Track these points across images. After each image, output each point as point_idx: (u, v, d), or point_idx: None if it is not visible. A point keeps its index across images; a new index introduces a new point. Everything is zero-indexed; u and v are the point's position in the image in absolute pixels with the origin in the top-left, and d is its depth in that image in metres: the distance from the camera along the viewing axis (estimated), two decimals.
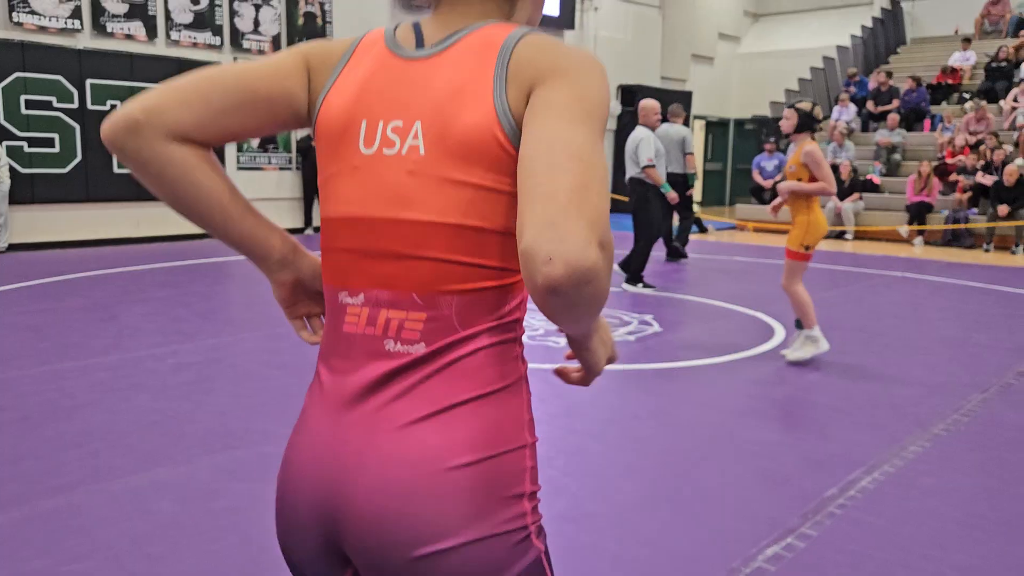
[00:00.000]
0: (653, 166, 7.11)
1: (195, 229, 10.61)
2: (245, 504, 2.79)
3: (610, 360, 1.13)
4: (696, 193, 11.93)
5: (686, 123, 17.71)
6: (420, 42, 1.03)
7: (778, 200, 4.95)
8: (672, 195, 7.25)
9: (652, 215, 7.17)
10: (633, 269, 7.32)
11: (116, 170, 9.98)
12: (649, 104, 7.35)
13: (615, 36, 16.75)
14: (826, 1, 19.52)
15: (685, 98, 18.14)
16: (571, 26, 15.45)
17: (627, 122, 16.65)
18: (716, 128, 20.13)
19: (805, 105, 4.74)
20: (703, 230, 12.87)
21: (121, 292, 6.81)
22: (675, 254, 9.29)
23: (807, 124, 4.73)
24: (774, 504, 2.88)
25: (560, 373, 1.17)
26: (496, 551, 0.91)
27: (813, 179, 4.65)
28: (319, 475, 0.96)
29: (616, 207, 11.99)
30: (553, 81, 0.88)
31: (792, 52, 18.90)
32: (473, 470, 0.91)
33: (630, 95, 16.44)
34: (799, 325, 4.86)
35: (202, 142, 0.99)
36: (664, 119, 8.15)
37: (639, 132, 7.22)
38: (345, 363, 0.98)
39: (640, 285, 7.30)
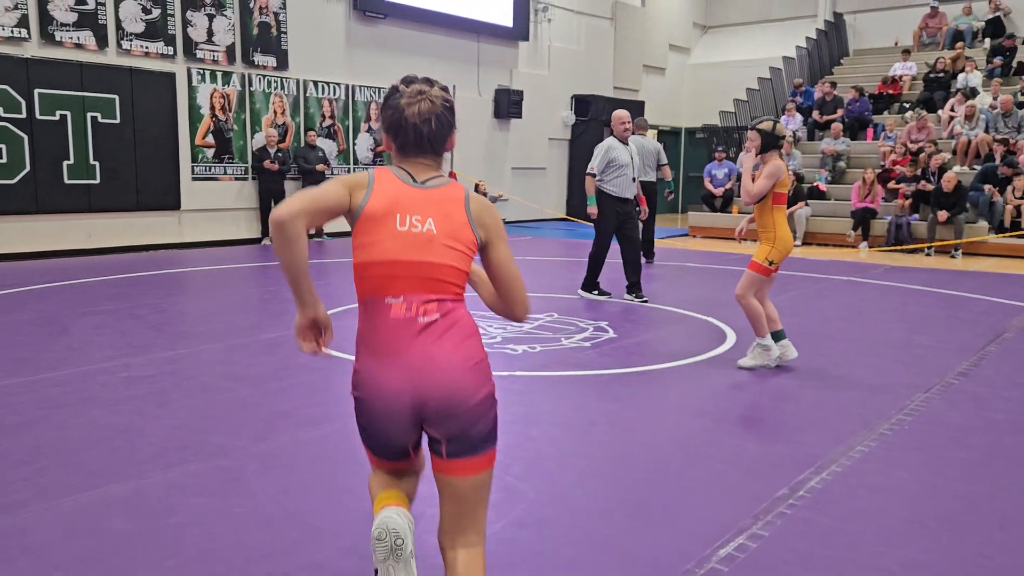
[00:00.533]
0: (591, 175, 7.18)
1: (147, 240, 10.49)
2: (201, 519, 2.77)
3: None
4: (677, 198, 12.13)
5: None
6: (413, 179, 1.97)
7: (742, 225, 5.09)
8: (591, 209, 7.27)
9: (604, 224, 7.24)
10: (587, 277, 7.40)
11: (67, 180, 9.77)
12: (616, 114, 7.36)
13: (568, 47, 16.91)
14: (772, 13, 19.99)
15: (638, 107, 18.38)
16: (525, 37, 15.57)
17: (580, 132, 16.83)
18: (668, 137, 20.42)
19: (766, 125, 4.84)
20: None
21: (71, 305, 6.66)
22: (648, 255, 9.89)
23: (771, 143, 4.84)
24: (727, 506, 2.95)
25: None
26: (492, 395, 1.93)
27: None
28: (409, 376, 1.85)
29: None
30: (497, 231, 1.99)
31: (740, 63, 19.29)
32: (480, 365, 1.91)
33: (584, 105, 16.62)
34: (777, 336, 4.94)
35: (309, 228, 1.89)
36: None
37: (603, 143, 7.29)
38: (395, 334, 1.87)
39: (595, 292, 7.38)
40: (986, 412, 4.14)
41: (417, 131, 2.00)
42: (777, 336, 4.97)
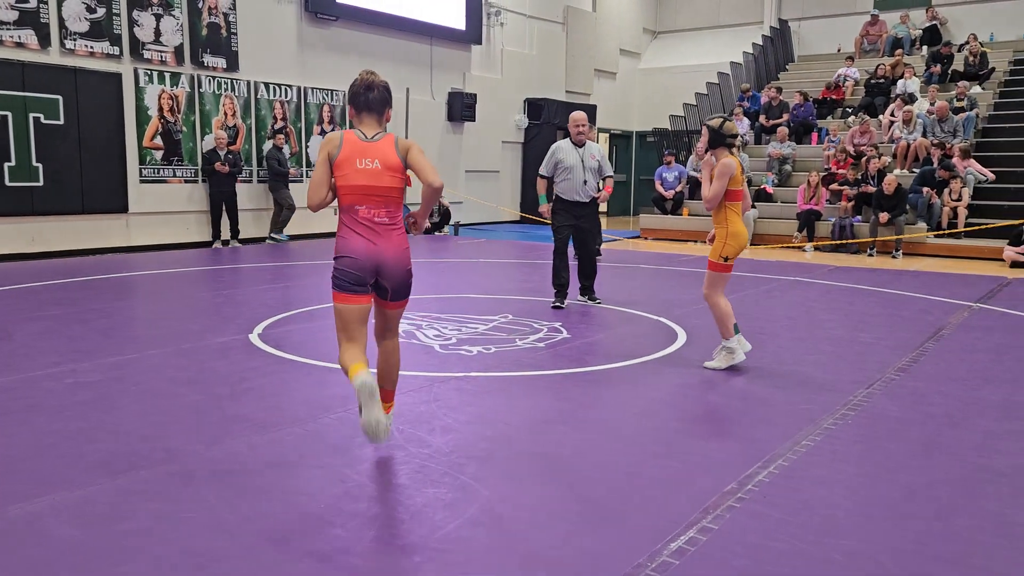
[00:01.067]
0: (541, 176, 7.16)
1: (94, 244, 10.24)
2: (151, 526, 2.74)
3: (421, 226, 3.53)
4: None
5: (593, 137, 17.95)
6: (365, 136, 3.35)
7: (711, 233, 5.08)
8: (542, 208, 7.24)
9: (555, 226, 7.17)
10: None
11: (8, 183, 9.51)
12: (571, 116, 7.19)
13: (520, 51, 17.01)
14: (720, 20, 20.37)
15: (590, 111, 18.56)
16: (478, 41, 15.62)
17: (534, 135, 16.94)
18: (619, 140, 20.68)
19: (715, 121, 4.95)
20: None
21: (15, 310, 6.49)
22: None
23: (718, 139, 4.91)
24: (677, 501, 3.02)
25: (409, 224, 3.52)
26: (411, 270, 3.43)
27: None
28: (374, 250, 3.27)
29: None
30: (410, 147, 3.38)
31: (689, 68, 19.63)
32: (408, 251, 3.37)
33: (536, 108, 16.73)
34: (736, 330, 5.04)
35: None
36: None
37: (554, 144, 7.25)
38: (363, 226, 3.28)
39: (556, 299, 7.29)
40: (924, 406, 4.29)
41: (364, 95, 3.40)
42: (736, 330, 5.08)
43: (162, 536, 2.66)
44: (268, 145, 12.26)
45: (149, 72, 10.77)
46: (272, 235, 12.32)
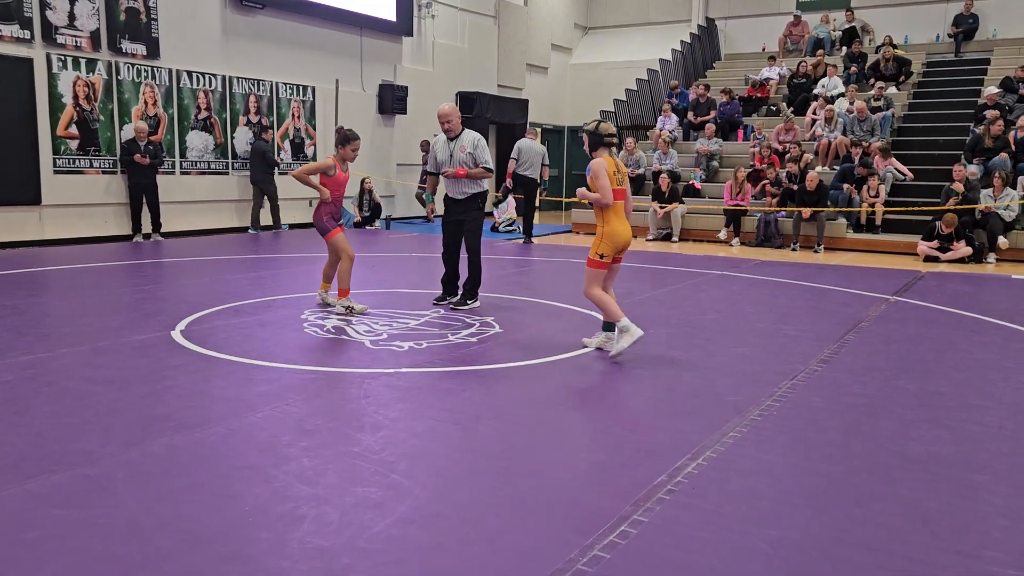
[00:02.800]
0: (429, 174, 6.99)
1: (3, 238, 9.76)
2: (64, 532, 2.61)
3: None
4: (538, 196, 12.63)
5: (524, 130, 18.07)
6: (345, 166, 6.44)
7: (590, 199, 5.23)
8: (428, 207, 7.16)
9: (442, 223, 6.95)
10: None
11: None
12: (438, 110, 6.75)
13: (452, 43, 16.91)
14: (649, 17, 20.64)
15: (522, 106, 18.59)
16: (409, 33, 15.47)
17: (465, 129, 16.84)
18: (551, 135, 20.75)
19: (591, 125, 5.28)
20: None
21: None
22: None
23: (597, 141, 5.22)
24: (608, 494, 3.04)
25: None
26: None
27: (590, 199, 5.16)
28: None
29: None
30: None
31: (619, 64, 19.83)
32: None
33: (468, 102, 16.65)
34: (607, 327, 5.22)
35: None
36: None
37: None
38: (339, 205, 6.49)
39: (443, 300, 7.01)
40: (845, 396, 4.42)
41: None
42: (607, 327, 5.30)
43: (75, 543, 2.54)
44: (244, 137, 12.67)
45: (63, 58, 10.31)
46: (274, 225, 12.82)
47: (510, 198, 14.32)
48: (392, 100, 15.02)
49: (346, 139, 6.29)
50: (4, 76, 9.74)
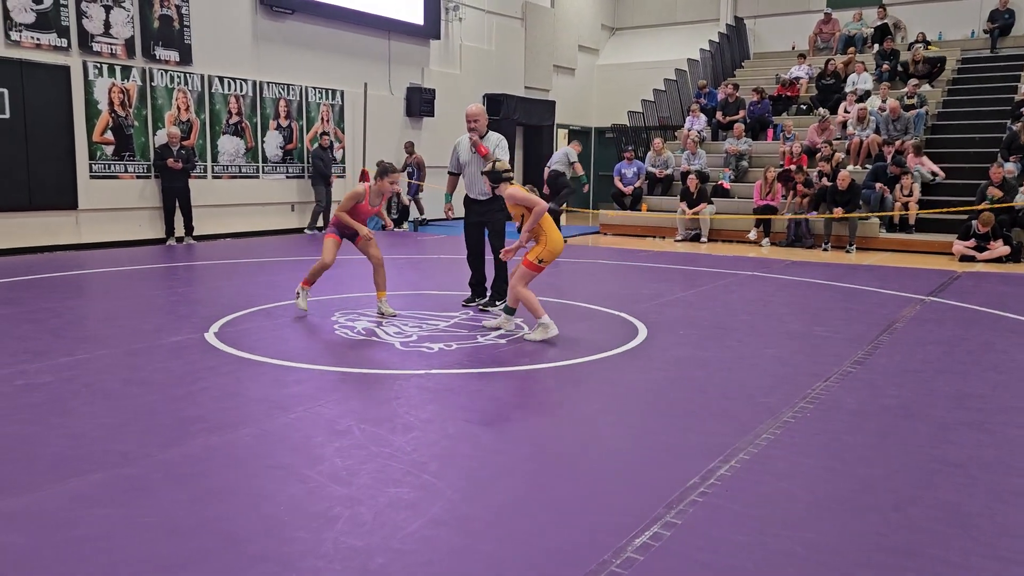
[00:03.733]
0: (449, 173, 7.01)
1: (42, 241, 9.95)
2: (105, 531, 2.66)
3: None
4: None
5: (552, 132, 18.11)
6: (374, 199, 6.28)
7: (515, 245, 5.71)
8: (445, 206, 7.06)
9: (464, 225, 6.94)
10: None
11: None
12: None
13: (479, 46, 16.96)
14: (676, 17, 20.54)
15: (549, 107, 18.59)
16: (436, 36, 15.53)
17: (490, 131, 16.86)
18: (578, 136, 20.71)
19: (487, 167, 5.86)
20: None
21: None
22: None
23: (497, 178, 5.74)
24: (641, 496, 3.03)
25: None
26: None
27: (528, 210, 5.52)
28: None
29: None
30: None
31: (647, 64, 19.76)
32: None
33: (495, 104, 16.68)
34: (509, 311, 5.81)
35: None
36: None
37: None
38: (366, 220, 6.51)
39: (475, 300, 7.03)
40: (880, 398, 4.37)
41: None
42: (509, 311, 5.84)
43: (116, 542, 2.59)
44: (275, 141, 12.94)
45: (99, 65, 10.50)
46: (306, 228, 13.28)
47: None
48: (420, 103, 15.10)
49: (385, 171, 6.19)
50: (43, 84, 9.94)
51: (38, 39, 9.86)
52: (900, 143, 13.02)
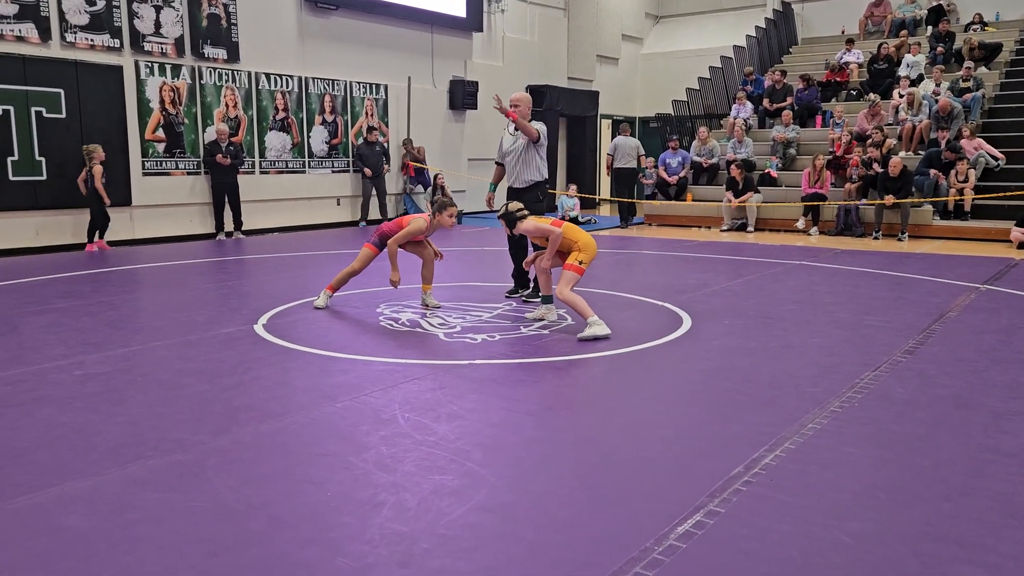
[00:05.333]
0: (496, 163, 7.01)
1: (96, 237, 10.25)
2: (160, 514, 2.75)
3: None
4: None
5: (595, 123, 18.00)
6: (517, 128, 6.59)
7: (546, 262, 5.71)
8: (487, 196, 7.06)
9: None
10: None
11: (12, 177, 9.53)
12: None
13: (522, 38, 16.93)
14: (722, 3, 20.22)
15: (592, 97, 18.50)
16: (479, 28, 15.55)
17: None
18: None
19: (500, 211, 5.89)
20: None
21: (20, 303, 6.51)
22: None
23: (513, 220, 5.75)
24: (683, 485, 3.02)
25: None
26: None
27: (546, 239, 5.60)
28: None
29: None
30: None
31: (692, 52, 19.52)
32: None
33: (538, 95, 16.65)
34: (547, 300, 5.89)
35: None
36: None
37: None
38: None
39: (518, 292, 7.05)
40: (931, 388, 4.28)
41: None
42: (546, 299, 5.90)
43: (171, 525, 2.67)
44: (320, 136, 13.13)
45: (150, 64, 10.75)
46: (361, 222, 13.56)
47: (575, 198, 14.48)
48: (463, 96, 15.14)
49: (443, 206, 6.20)
50: (97, 84, 10.21)
51: (92, 40, 10.13)
52: (960, 127, 12.63)
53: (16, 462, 3.22)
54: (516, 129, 6.69)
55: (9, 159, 9.50)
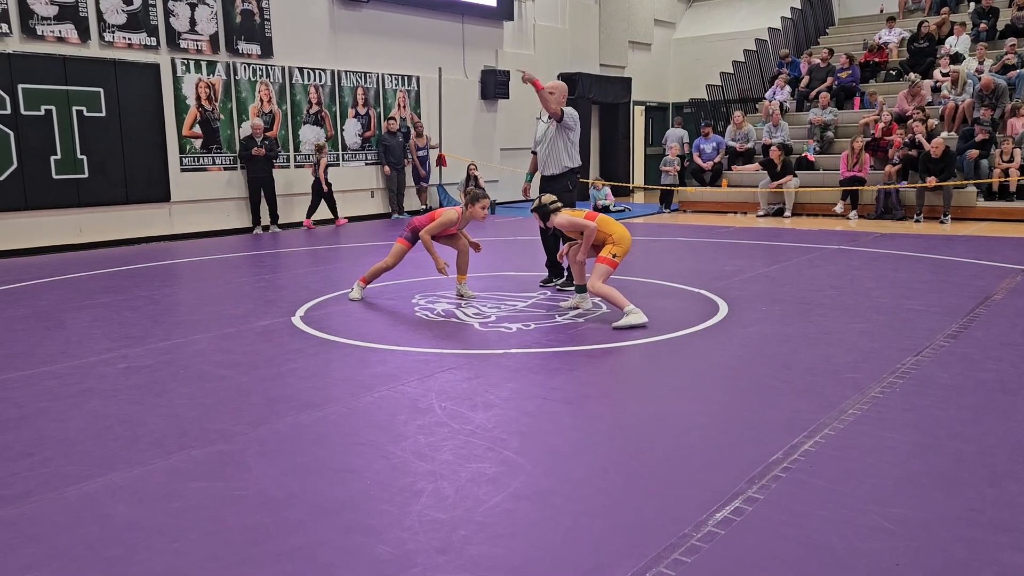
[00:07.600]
0: (532, 152, 6.95)
1: (138, 233, 10.45)
2: (204, 503, 2.80)
3: None
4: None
5: (628, 109, 17.85)
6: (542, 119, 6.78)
7: (581, 255, 5.65)
8: (523, 186, 7.04)
9: None
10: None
11: (55, 176, 9.74)
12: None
13: (553, 25, 16.84)
14: None
15: (625, 84, 18.35)
16: (510, 17, 15.50)
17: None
18: (655, 112, 20.40)
19: (534, 205, 5.84)
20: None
21: (65, 299, 6.67)
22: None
23: (547, 212, 5.69)
24: (722, 471, 3.00)
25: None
26: None
27: (580, 233, 5.56)
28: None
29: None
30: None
31: (725, 36, 19.24)
32: None
33: (570, 83, 16.57)
34: (581, 289, 5.82)
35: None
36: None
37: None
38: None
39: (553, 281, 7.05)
40: (976, 372, 4.19)
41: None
42: (580, 289, 5.84)
43: (215, 513, 2.72)
44: (353, 129, 13.19)
45: (186, 62, 10.90)
46: (395, 214, 13.64)
47: (606, 187, 14.42)
48: (494, 85, 15.12)
49: (475, 198, 6.19)
50: (135, 82, 10.39)
51: (129, 39, 10.30)
52: (1005, 106, 12.31)
53: (65, 453, 3.30)
54: (549, 117, 6.66)
55: (52, 158, 9.71)
